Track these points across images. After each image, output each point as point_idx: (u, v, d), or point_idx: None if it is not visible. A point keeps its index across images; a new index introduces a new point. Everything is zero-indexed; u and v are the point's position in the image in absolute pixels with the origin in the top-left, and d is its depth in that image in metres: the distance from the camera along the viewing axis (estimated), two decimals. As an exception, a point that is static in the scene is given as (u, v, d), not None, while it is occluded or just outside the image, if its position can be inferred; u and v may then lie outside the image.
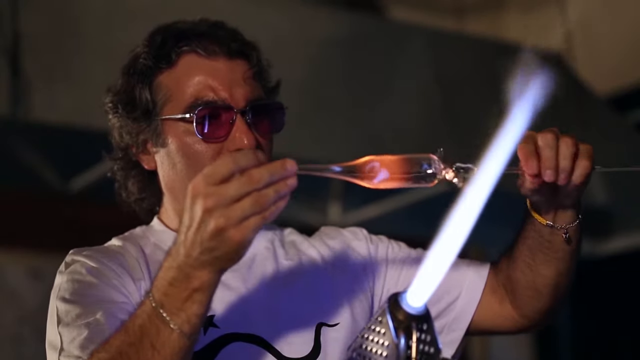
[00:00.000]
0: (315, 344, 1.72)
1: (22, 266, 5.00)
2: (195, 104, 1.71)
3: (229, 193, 1.31)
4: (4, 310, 4.96)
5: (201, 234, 1.33)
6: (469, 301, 1.83)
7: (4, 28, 3.56)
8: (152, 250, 1.77)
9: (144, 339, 1.40)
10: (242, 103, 1.71)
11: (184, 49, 1.74)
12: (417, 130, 4.28)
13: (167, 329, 1.39)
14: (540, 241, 1.71)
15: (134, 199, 1.85)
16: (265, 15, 3.73)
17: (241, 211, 1.31)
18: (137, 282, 1.68)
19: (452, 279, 1.82)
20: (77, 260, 1.70)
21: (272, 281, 1.75)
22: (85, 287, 1.65)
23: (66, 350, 1.57)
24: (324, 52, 4.09)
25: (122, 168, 1.84)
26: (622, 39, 5.43)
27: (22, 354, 4.93)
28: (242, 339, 1.67)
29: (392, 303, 1.30)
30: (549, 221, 1.67)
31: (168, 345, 1.39)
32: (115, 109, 1.79)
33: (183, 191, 1.70)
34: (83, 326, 1.57)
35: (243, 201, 1.31)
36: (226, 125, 1.70)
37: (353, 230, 1.94)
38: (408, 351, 1.28)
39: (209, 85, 1.72)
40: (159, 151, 1.76)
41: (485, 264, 1.86)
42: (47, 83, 3.61)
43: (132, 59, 1.79)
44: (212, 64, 1.73)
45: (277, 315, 1.71)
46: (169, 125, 1.74)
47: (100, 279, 1.66)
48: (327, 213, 4.74)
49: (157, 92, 1.75)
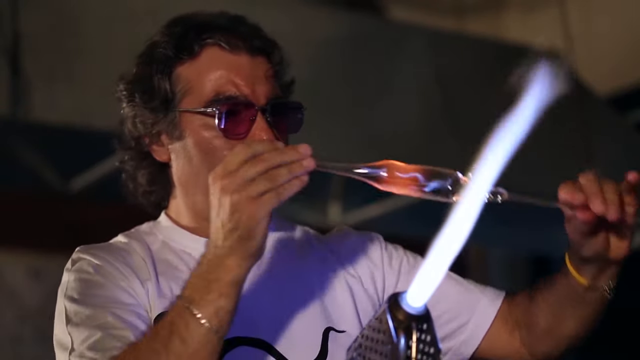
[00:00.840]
0: (322, 348, 1.69)
1: (22, 266, 5.01)
2: (217, 99, 1.68)
3: (243, 174, 1.39)
4: (4, 310, 4.96)
5: (221, 216, 1.40)
6: (478, 327, 1.80)
7: (4, 28, 3.56)
8: (160, 248, 1.74)
9: (174, 334, 1.43)
10: (262, 100, 1.69)
11: (208, 41, 1.71)
12: (417, 130, 4.28)
13: (195, 323, 1.42)
14: (573, 296, 1.66)
15: (142, 191, 1.79)
16: (265, 15, 3.72)
17: (255, 186, 1.38)
18: (144, 283, 1.66)
19: (464, 303, 1.80)
20: (84, 258, 1.67)
21: (280, 283, 1.71)
22: (93, 287, 1.63)
23: (78, 350, 1.55)
24: (324, 52, 4.09)
25: (133, 158, 1.78)
26: (622, 39, 5.43)
27: (22, 354, 4.94)
28: (247, 343, 1.65)
29: (392, 303, 1.30)
30: (589, 281, 1.62)
31: (197, 340, 1.42)
32: (130, 97, 1.75)
33: (196, 185, 1.71)
34: (95, 328, 1.56)
35: (257, 179, 1.38)
36: (246, 122, 1.68)
37: (369, 235, 1.88)
38: (408, 351, 1.28)
39: (232, 80, 1.69)
40: (174, 144, 1.73)
41: (500, 293, 1.83)
42: (47, 83, 3.61)
43: (150, 47, 1.75)
44: (235, 59, 1.71)
45: (284, 318, 1.69)
46: (187, 118, 1.70)
47: (108, 278, 1.64)
48: (327, 213, 4.74)
49: (176, 83, 1.71)
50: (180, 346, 1.42)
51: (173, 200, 1.79)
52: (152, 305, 1.64)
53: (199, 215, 1.73)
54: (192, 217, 1.76)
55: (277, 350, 1.66)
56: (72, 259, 1.69)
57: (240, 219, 1.39)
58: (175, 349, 1.42)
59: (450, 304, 1.79)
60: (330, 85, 4.09)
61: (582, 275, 1.63)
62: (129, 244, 1.73)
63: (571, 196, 1.50)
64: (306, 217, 4.48)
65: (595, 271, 1.62)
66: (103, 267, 1.66)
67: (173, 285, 1.67)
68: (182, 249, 1.74)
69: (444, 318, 1.77)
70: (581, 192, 1.50)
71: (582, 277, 1.63)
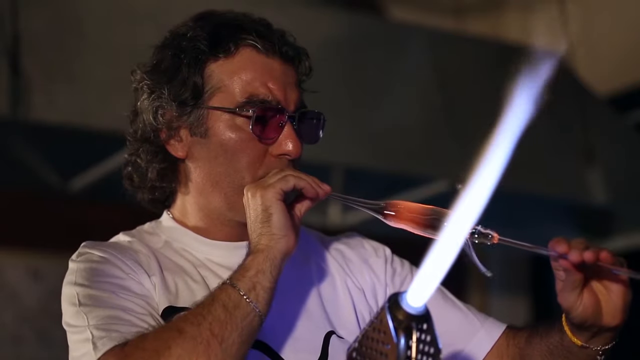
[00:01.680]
0: (323, 352, 1.68)
1: (22, 266, 5.00)
2: (251, 101, 1.67)
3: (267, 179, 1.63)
4: (4, 310, 4.96)
5: (248, 211, 1.62)
6: (471, 358, 1.77)
7: (4, 28, 3.56)
8: (163, 247, 1.73)
9: (216, 302, 1.52)
10: (292, 108, 1.70)
11: (244, 42, 1.69)
12: (417, 130, 4.28)
13: (235, 293, 1.54)
14: (565, 353, 1.65)
15: (150, 185, 1.75)
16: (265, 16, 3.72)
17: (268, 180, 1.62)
18: (150, 277, 1.65)
19: (461, 331, 1.78)
20: (91, 252, 1.67)
21: (282, 287, 1.69)
22: (103, 275, 1.63)
23: (96, 324, 1.54)
24: (324, 52, 4.09)
25: (147, 152, 1.74)
26: (622, 39, 5.43)
27: (22, 354, 4.93)
28: None
29: (392, 303, 1.30)
30: (583, 342, 1.60)
31: (240, 309, 1.52)
32: (155, 87, 1.70)
33: (216, 184, 1.70)
34: (115, 307, 1.56)
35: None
36: (276, 127, 1.68)
37: (376, 246, 1.87)
38: (408, 351, 1.28)
39: (266, 83, 1.68)
40: (196, 140, 1.70)
41: (501, 326, 1.80)
42: (47, 83, 3.60)
43: (178, 39, 1.71)
44: (269, 62, 1.70)
45: (285, 321, 1.68)
46: (215, 116, 1.68)
47: (118, 270, 1.64)
48: (327, 213, 4.74)
49: (208, 81, 1.68)
50: (222, 312, 1.51)
51: (180, 199, 1.76)
52: (158, 298, 1.64)
53: (210, 214, 1.72)
54: (200, 217, 1.74)
55: (278, 353, 1.65)
56: (78, 252, 1.69)
57: (256, 204, 1.60)
58: (218, 314, 1.51)
59: (447, 329, 1.74)
60: (330, 85, 4.09)
61: (576, 336, 1.62)
62: (132, 242, 1.73)
63: (557, 245, 1.50)
64: (306, 217, 4.47)
65: (590, 334, 1.60)
66: (110, 260, 1.65)
67: (178, 280, 1.67)
68: (185, 249, 1.73)
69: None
70: (578, 252, 1.49)
71: (577, 338, 1.62)
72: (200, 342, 1.48)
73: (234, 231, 1.73)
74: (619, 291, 1.55)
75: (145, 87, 1.72)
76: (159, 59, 1.72)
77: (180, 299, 1.65)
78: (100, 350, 1.52)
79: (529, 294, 5.86)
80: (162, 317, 1.61)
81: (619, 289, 1.55)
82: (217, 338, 1.49)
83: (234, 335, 1.50)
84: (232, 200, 1.68)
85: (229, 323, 1.50)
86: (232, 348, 1.50)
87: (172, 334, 1.48)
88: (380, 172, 4.23)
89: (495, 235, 1.51)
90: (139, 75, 1.73)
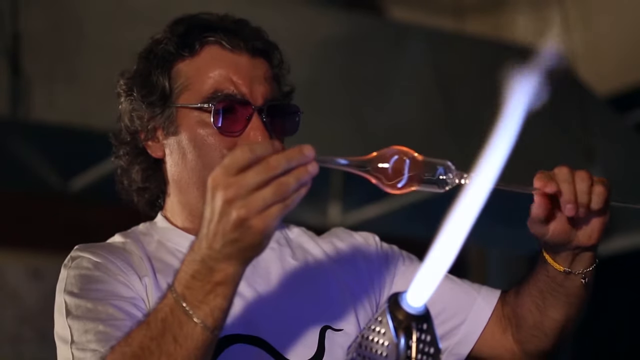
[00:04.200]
0: (319, 347, 1.69)
1: (22, 266, 5.01)
2: (215, 96, 1.70)
3: (248, 182, 1.29)
4: (4, 310, 4.96)
5: (223, 225, 1.31)
6: (473, 327, 1.81)
7: (4, 28, 3.56)
8: (156, 248, 1.75)
9: (166, 332, 1.38)
10: (260, 101, 1.71)
11: (209, 40, 1.73)
12: (417, 130, 4.28)
13: (190, 323, 1.37)
14: (553, 286, 1.69)
15: (136, 187, 1.80)
16: (265, 15, 3.73)
17: (262, 200, 1.29)
18: (142, 278, 1.67)
19: (459, 303, 1.81)
20: (82, 256, 1.68)
21: (277, 282, 1.73)
22: (93, 282, 1.64)
23: (78, 342, 1.55)
24: (323, 52, 4.09)
25: (128, 154, 1.80)
26: (623, 39, 5.43)
27: (22, 354, 4.94)
28: (244, 340, 1.65)
29: (392, 303, 1.30)
30: (566, 267, 1.66)
31: (191, 339, 1.37)
32: (129, 91, 1.77)
33: (190, 182, 1.72)
34: (96, 320, 1.56)
35: (263, 190, 1.29)
36: (242, 121, 1.69)
37: (365, 235, 1.89)
38: (408, 351, 1.28)
39: (230, 78, 1.71)
40: (169, 139, 1.74)
41: (496, 292, 1.84)
42: (47, 83, 3.61)
43: (152, 44, 1.77)
44: (235, 58, 1.73)
45: (281, 317, 1.69)
46: (184, 113, 1.72)
47: (107, 274, 1.65)
48: (327, 213, 4.74)
49: (175, 79, 1.73)
50: (173, 345, 1.38)
51: (168, 199, 1.80)
52: (150, 300, 1.65)
53: (193, 212, 1.75)
54: (186, 216, 1.77)
55: (274, 348, 1.66)
56: (70, 256, 1.70)
57: (246, 233, 1.31)
58: (168, 348, 1.38)
59: (446, 304, 1.80)
60: (330, 85, 4.09)
61: (558, 263, 1.67)
62: (125, 243, 1.74)
63: (544, 184, 1.55)
64: (306, 218, 4.48)
65: (571, 258, 1.65)
66: (102, 263, 1.66)
67: (170, 281, 1.67)
68: (178, 249, 1.74)
69: (439, 318, 1.77)
70: (554, 182, 1.56)
71: (558, 264, 1.67)
72: None
73: None
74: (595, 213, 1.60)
75: (122, 91, 1.78)
76: (137, 64, 1.78)
77: None
78: None
79: (529, 294, 5.85)
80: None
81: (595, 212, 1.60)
82: None
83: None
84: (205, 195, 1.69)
85: (179, 355, 1.39)
86: None
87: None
88: (380, 172, 4.22)
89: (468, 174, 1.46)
90: (119, 81, 1.79)
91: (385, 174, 1.42)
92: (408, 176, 1.43)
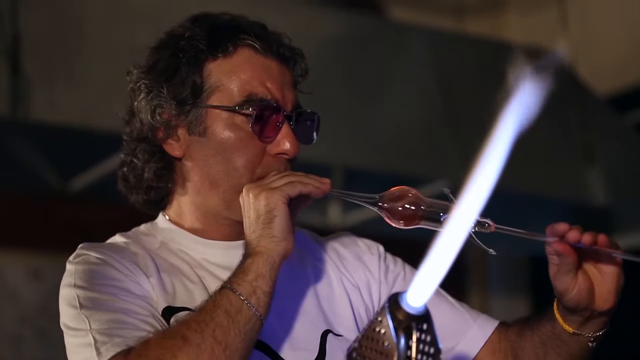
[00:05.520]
0: (321, 350, 1.69)
1: (22, 266, 5.00)
2: (250, 99, 1.68)
3: (269, 181, 1.62)
4: (4, 310, 4.95)
5: (247, 210, 1.61)
6: (464, 354, 1.78)
7: (4, 28, 3.56)
8: (159, 249, 1.73)
9: (218, 308, 1.52)
10: (289, 107, 1.71)
11: (243, 42, 1.71)
12: (417, 130, 4.28)
13: (237, 299, 1.53)
14: (557, 342, 1.67)
15: (147, 185, 1.76)
16: (264, 16, 3.73)
17: (273, 182, 1.61)
18: (149, 278, 1.66)
19: (454, 327, 1.79)
20: (89, 254, 1.67)
21: (279, 285, 1.69)
22: (102, 277, 1.63)
23: (99, 329, 1.54)
24: (323, 52, 4.09)
25: (144, 151, 1.74)
26: (622, 39, 5.43)
27: (22, 354, 4.93)
28: None
29: (392, 303, 1.30)
30: (574, 329, 1.63)
31: (239, 314, 1.52)
32: (153, 87, 1.70)
33: (213, 183, 1.71)
34: (117, 310, 1.56)
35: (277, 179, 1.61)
36: (274, 127, 1.69)
37: (369, 243, 1.88)
38: (408, 351, 1.28)
39: (264, 83, 1.69)
40: (194, 139, 1.70)
41: (493, 322, 1.80)
42: (47, 83, 3.61)
43: (175, 40, 1.72)
44: (267, 63, 1.71)
45: (283, 320, 1.69)
46: (214, 114, 1.69)
47: (117, 271, 1.64)
48: (327, 213, 4.74)
49: (206, 80, 1.69)
50: (225, 318, 1.51)
51: (176, 199, 1.77)
52: (156, 299, 1.64)
53: (207, 214, 1.73)
54: (197, 217, 1.74)
55: (275, 351, 1.66)
56: (76, 254, 1.68)
57: (259, 205, 1.58)
58: (220, 320, 1.51)
59: (440, 325, 1.72)
60: (330, 85, 4.09)
61: (567, 323, 1.64)
62: (128, 244, 1.73)
63: (554, 228, 1.57)
64: (306, 218, 4.48)
65: (582, 320, 1.62)
66: (108, 261, 1.65)
67: (175, 281, 1.68)
68: (182, 249, 1.73)
69: None
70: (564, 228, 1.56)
71: (568, 324, 1.64)
72: (205, 349, 1.48)
73: (231, 230, 1.73)
74: (613, 274, 1.60)
75: (143, 86, 1.72)
76: (156, 59, 1.73)
77: (178, 300, 1.65)
78: (104, 356, 1.52)
79: (529, 294, 5.85)
80: (163, 317, 1.61)
81: (613, 272, 1.60)
82: (221, 345, 1.50)
83: (237, 341, 1.51)
84: (229, 199, 1.69)
85: (231, 329, 1.51)
86: (236, 354, 1.51)
87: (176, 342, 1.48)
88: (380, 172, 4.23)
89: (492, 223, 1.53)
90: (135, 76, 1.74)
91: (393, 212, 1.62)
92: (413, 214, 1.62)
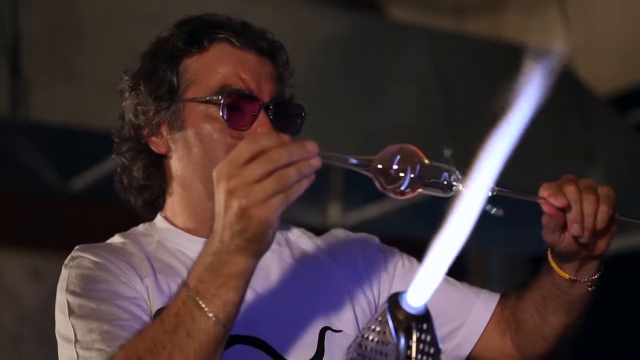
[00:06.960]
0: (319, 347, 1.69)
1: (22, 266, 5.00)
2: (223, 90, 1.70)
3: (249, 173, 1.32)
4: (4, 310, 4.96)
5: (228, 216, 1.35)
6: (472, 331, 1.81)
7: (4, 28, 3.56)
8: (155, 248, 1.74)
9: (179, 327, 1.40)
10: (267, 98, 1.72)
11: (218, 37, 1.74)
12: (417, 130, 4.28)
13: (202, 316, 1.39)
14: (557, 292, 1.70)
15: (137, 185, 1.79)
16: (265, 15, 3.73)
17: (263, 191, 1.32)
18: (142, 279, 1.66)
19: (459, 306, 1.82)
20: (83, 256, 1.68)
21: (276, 283, 1.72)
22: (95, 282, 1.63)
23: (82, 341, 1.55)
24: (324, 52, 4.09)
25: (130, 150, 1.79)
26: (622, 39, 5.43)
27: (22, 354, 4.93)
28: (243, 341, 1.65)
29: (392, 303, 1.30)
30: (572, 275, 1.67)
31: (203, 333, 1.39)
32: (134, 86, 1.76)
33: (195, 177, 1.72)
34: (101, 319, 1.56)
35: (265, 181, 1.32)
36: (249, 116, 1.70)
37: (364, 236, 1.90)
38: (408, 351, 1.28)
39: (239, 74, 1.72)
40: (174, 135, 1.74)
41: (495, 295, 1.85)
42: (47, 83, 3.61)
43: (158, 42, 1.78)
44: (243, 55, 1.74)
45: (281, 317, 1.69)
46: (191, 107, 1.72)
47: (109, 274, 1.64)
48: (327, 213, 4.74)
49: (182, 75, 1.74)
50: (186, 339, 1.39)
51: (169, 199, 1.79)
52: (151, 301, 1.65)
53: (195, 208, 1.74)
54: (188, 215, 1.76)
55: (274, 349, 1.66)
56: (71, 256, 1.69)
57: (249, 223, 1.34)
58: (180, 341, 1.40)
59: (445, 307, 1.80)
60: (330, 85, 4.09)
61: (564, 270, 1.67)
62: (125, 244, 1.74)
63: (553, 198, 1.55)
64: (306, 218, 4.48)
65: (578, 265, 1.66)
66: (103, 264, 1.66)
67: (171, 282, 1.68)
68: (178, 249, 1.74)
69: (438, 321, 1.76)
70: (562, 195, 1.55)
71: (565, 271, 1.67)
72: None
73: None
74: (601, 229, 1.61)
75: (127, 87, 1.77)
76: (141, 61, 1.78)
77: None
78: None
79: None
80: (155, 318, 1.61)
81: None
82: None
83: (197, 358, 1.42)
84: (210, 190, 1.67)
85: (191, 349, 1.41)
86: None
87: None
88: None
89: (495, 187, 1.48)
90: (123, 78, 1.79)
91: (387, 175, 1.45)
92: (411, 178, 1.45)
